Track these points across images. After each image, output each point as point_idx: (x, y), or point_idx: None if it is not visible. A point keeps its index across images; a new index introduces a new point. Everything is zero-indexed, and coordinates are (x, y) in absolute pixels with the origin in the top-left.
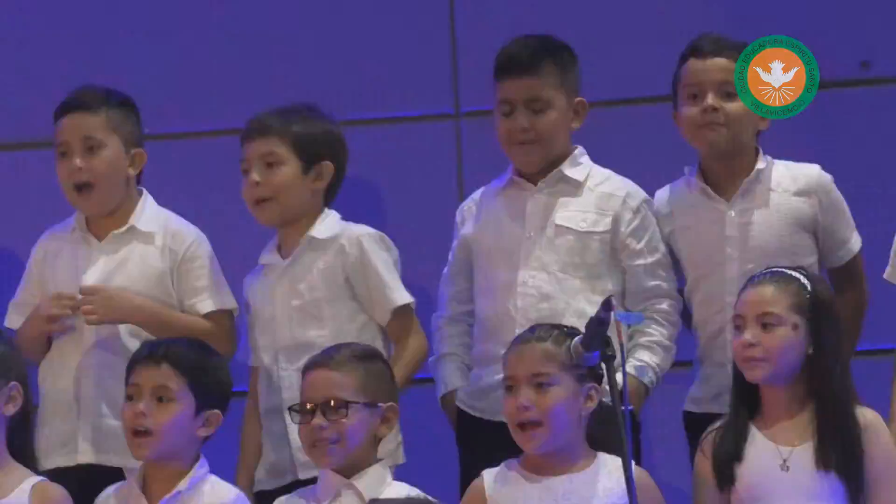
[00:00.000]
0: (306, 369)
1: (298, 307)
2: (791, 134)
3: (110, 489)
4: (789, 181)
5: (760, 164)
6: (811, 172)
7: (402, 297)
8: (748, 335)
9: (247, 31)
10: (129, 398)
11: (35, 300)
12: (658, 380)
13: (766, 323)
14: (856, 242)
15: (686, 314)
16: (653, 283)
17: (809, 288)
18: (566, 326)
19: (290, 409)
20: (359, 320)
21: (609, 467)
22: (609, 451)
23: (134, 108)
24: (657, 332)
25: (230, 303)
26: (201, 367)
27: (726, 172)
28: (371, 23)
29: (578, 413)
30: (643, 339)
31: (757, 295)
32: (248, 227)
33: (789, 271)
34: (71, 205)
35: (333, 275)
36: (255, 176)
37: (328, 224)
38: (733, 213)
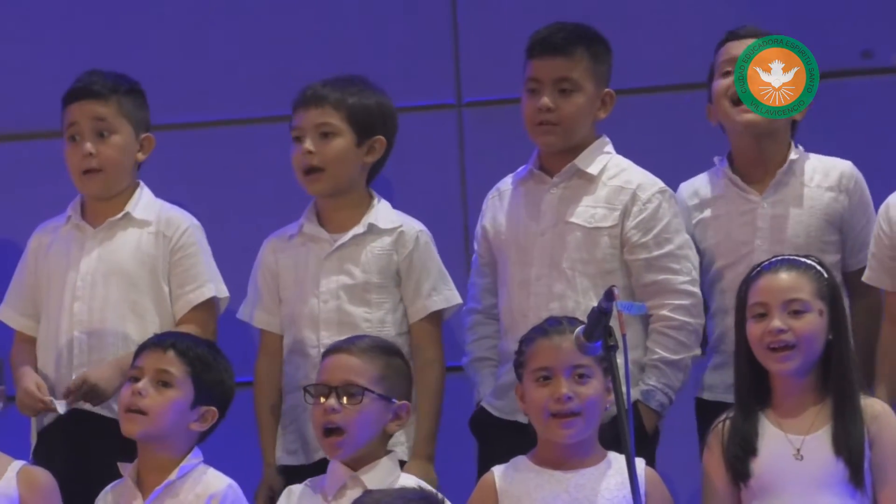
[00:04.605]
0: (327, 353)
1: (348, 287)
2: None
3: (108, 488)
4: (822, 175)
5: (793, 156)
6: (844, 168)
7: (438, 302)
8: (778, 322)
9: (247, 21)
10: (132, 380)
11: (29, 291)
12: (670, 398)
13: (795, 310)
14: None
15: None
16: (658, 277)
17: (825, 274)
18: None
19: (304, 388)
20: (400, 310)
21: (618, 465)
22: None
23: (142, 93)
24: (660, 349)
25: (224, 290)
26: (205, 361)
27: (758, 162)
28: (373, 12)
29: (604, 406)
30: (648, 358)
31: (781, 281)
32: (248, 217)
33: (802, 258)
34: (77, 187)
35: (387, 262)
36: (308, 145)
37: (386, 213)
38: (766, 205)
